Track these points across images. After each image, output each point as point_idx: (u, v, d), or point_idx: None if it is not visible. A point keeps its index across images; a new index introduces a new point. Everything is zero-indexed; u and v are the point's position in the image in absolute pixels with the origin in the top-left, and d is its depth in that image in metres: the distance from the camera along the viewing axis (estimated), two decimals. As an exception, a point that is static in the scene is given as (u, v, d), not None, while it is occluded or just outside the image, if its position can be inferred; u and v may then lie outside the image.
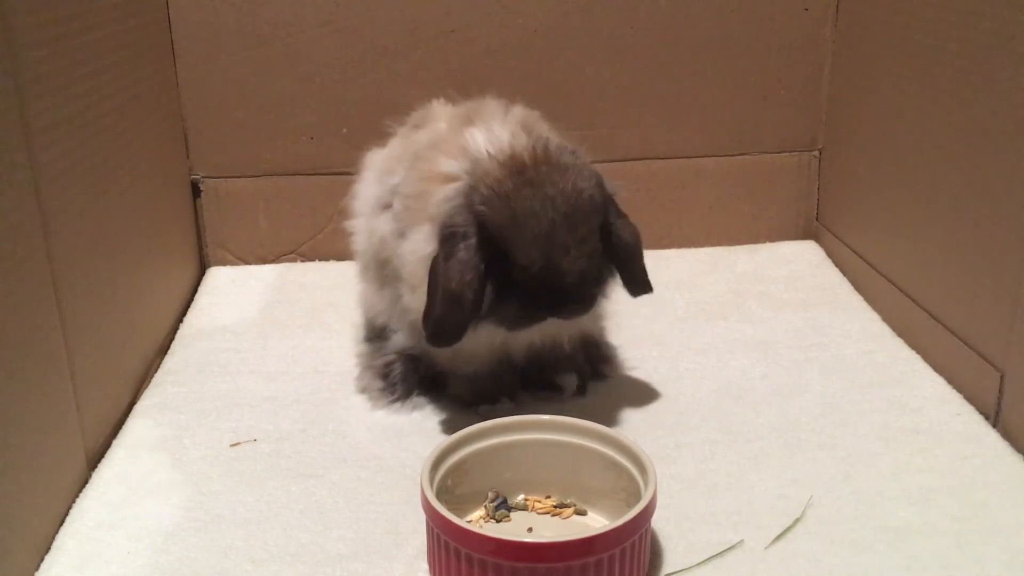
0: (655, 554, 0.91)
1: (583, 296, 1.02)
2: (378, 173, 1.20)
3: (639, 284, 1.11)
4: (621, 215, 1.09)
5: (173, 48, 1.52)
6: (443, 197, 1.03)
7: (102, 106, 1.16)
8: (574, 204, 0.99)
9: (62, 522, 0.97)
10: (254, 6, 1.52)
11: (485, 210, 0.99)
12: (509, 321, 1.02)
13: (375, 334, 1.26)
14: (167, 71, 1.50)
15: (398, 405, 1.18)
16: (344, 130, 1.59)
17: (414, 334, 1.16)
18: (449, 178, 1.04)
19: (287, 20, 1.53)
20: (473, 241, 0.99)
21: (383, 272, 1.17)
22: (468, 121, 1.09)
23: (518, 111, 1.13)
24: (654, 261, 1.60)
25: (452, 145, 1.07)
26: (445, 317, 1.01)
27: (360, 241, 1.24)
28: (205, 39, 1.53)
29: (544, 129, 1.11)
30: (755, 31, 1.58)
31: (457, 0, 1.53)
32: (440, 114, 1.20)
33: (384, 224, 1.14)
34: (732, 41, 1.58)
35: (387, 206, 1.15)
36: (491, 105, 1.14)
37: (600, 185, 1.04)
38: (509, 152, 1.02)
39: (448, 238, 1.01)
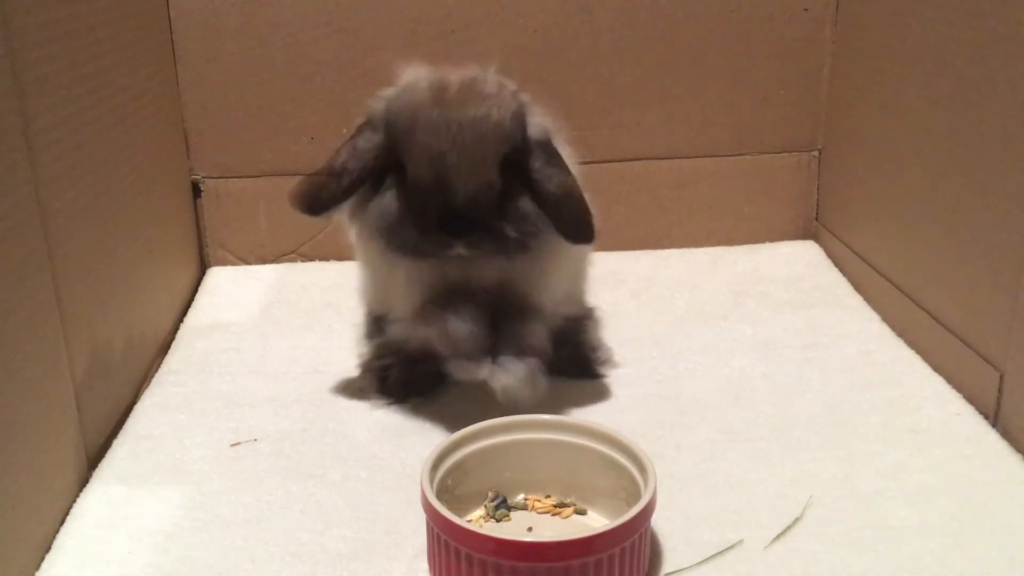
0: (655, 554, 0.91)
1: (482, 223, 0.99)
2: None
3: (571, 232, 1.05)
4: (555, 163, 1.04)
5: (173, 48, 1.52)
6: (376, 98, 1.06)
7: (102, 106, 1.16)
8: (477, 129, 0.97)
9: (62, 522, 0.97)
10: (254, 6, 1.52)
11: (394, 117, 1.01)
12: (410, 245, 1.01)
13: (374, 326, 1.26)
14: (167, 71, 1.50)
15: (397, 408, 1.18)
16: (344, 130, 1.58)
17: (411, 324, 1.16)
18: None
19: (287, 20, 1.53)
20: (377, 138, 1.02)
21: None
22: None
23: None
24: (654, 261, 1.63)
25: None
26: (316, 183, 1.04)
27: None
28: (205, 39, 1.53)
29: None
30: (755, 31, 1.58)
31: (457, 0, 1.54)
32: None
33: None
34: (732, 41, 1.58)
35: None
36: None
37: (517, 116, 1.01)
38: (443, 78, 1.02)
39: (360, 125, 1.05)
